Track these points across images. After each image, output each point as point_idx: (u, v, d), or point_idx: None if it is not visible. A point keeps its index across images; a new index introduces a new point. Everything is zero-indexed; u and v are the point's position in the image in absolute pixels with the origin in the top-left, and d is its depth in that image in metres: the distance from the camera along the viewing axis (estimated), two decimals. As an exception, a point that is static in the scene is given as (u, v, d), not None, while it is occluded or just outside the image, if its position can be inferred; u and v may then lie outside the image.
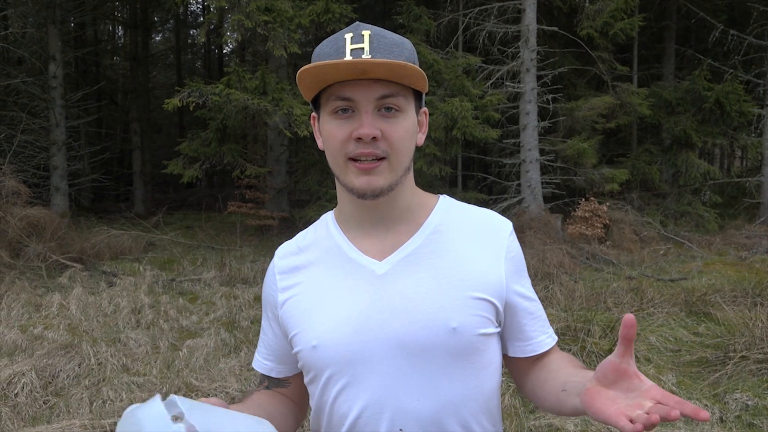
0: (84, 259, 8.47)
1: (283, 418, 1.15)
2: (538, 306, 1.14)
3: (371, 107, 0.97)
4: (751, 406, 3.85)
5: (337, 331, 1.02)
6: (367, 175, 0.99)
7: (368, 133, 0.96)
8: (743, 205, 12.79)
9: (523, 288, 1.10)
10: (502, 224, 1.11)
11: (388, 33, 1.01)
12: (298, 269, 1.11)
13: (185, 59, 25.28)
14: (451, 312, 1.00)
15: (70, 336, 5.04)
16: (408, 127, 1.01)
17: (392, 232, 1.07)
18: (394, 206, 1.06)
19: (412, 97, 1.02)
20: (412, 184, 1.09)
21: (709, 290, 6.55)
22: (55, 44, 12.41)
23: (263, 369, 1.20)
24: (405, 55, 0.99)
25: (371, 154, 0.98)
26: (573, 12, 11.15)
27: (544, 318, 1.14)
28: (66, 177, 12.60)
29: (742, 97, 11.91)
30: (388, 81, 0.97)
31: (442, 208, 1.11)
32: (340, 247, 1.08)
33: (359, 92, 0.97)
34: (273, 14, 9.12)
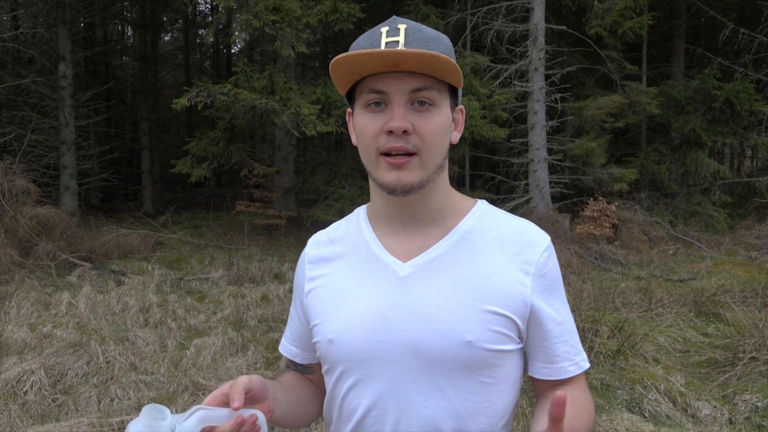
0: (93, 258, 8.52)
1: (310, 402, 1.18)
2: (567, 329, 1.07)
3: (404, 100, 0.96)
4: (761, 408, 3.82)
5: (354, 329, 1.03)
6: (397, 170, 0.97)
7: (399, 126, 0.95)
8: (753, 204, 12.69)
9: (550, 308, 1.04)
10: (537, 238, 1.05)
11: (425, 27, 1.00)
12: (325, 260, 1.13)
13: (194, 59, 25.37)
14: (467, 325, 0.97)
15: (78, 334, 5.07)
16: (441, 123, 0.99)
17: (421, 233, 1.05)
18: (425, 206, 1.04)
19: (446, 93, 1.00)
20: (445, 184, 1.07)
21: (719, 290, 6.51)
22: (65, 44, 12.48)
23: (289, 354, 1.22)
24: (441, 49, 0.98)
25: (402, 148, 0.96)
26: (581, 11, 11.10)
27: (572, 343, 1.07)
28: (75, 176, 12.67)
29: (753, 96, 11.81)
30: (422, 74, 0.95)
31: (476, 215, 1.08)
32: (367, 243, 1.08)
33: (391, 84, 0.96)
34: (281, 14, 9.13)
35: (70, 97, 12.62)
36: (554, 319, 1.05)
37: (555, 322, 1.05)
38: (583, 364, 1.09)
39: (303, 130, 9.42)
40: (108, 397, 3.96)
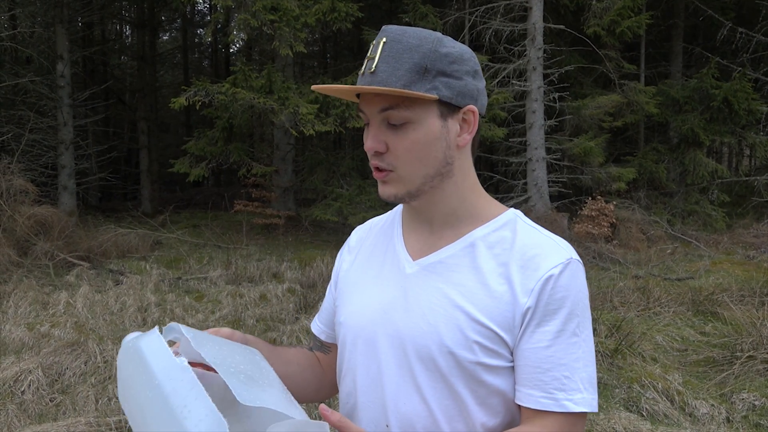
0: (91, 258, 8.51)
1: (302, 380, 1.20)
2: (557, 360, 0.96)
3: (377, 120, 0.99)
4: (758, 406, 3.83)
5: (358, 316, 1.09)
6: (381, 183, 1.03)
7: (369, 147, 1.00)
8: (751, 204, 12.70)
9: (539, 331, 0.96)
10: (550, 255, 0.98)
11: (407, 35, 0.98)
12: (360, 246, 1.19)
13: (192, 58, 25.35)
14: (450, 331, 0.98)
15: (76, 334, 5.07)
16: (417, 138, 0.98)
17: (437, 234, 1.06)
18: (435, 210, 1.05)
19: (428, 104, 0.97)
20: (460, 189, 1.05)
21: (717, 289, 6.52)
22: (63, 44, 12.46)
23: (316, 330, 1.27)
24: (414, 60, 0.95)
25: (377, 165, 1.01)
26: (580, 10, 11.11)
27: (557, 377, 0.95)
28: (73, 176, 12.65)
29: (751, 96, 11.83)
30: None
31: (497, 224, 1.04)
32: (392, 237, 1.13)
33: (366, 106, 1.00)
34: (279, 13, 9.12)
35: (68, 97, 12.60)
36: (539, 346, 0.96)
37: (539, 348, 0.96)
38: (567, 404, 0.94)
39: (301, 130, 9.42)
40: (106, 396, 3.96)
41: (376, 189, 11.45)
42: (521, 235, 1.02)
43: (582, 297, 0.99)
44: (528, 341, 0.97)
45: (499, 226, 1.04)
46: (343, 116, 9.81)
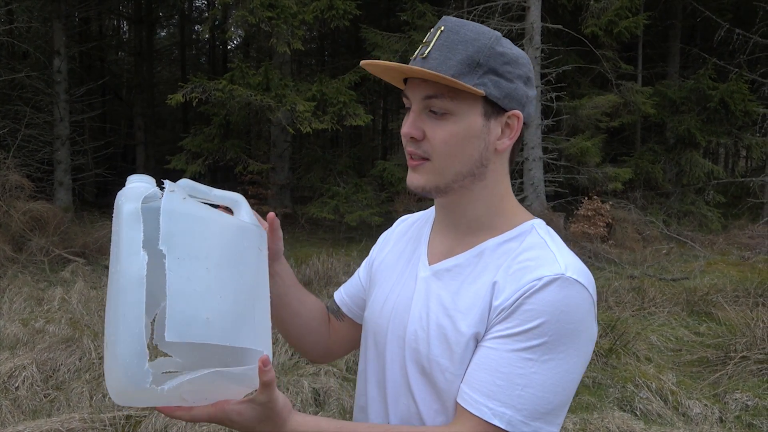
0: (86, 254, 8.49)
1: (306, 326, 1.22)
2: (495, 365, 0.90)
3: (419, 107, 0.98)
4: (751, 407, 3.84)
5: (376, 314, 1.11)
6: (411, 170, 1.01)
7: (406, 132, 0.98)
8: (747, 204, 12.74)
9: (495, 330, 0.92)
10: (542, 269, 0.92)
11: (466, 28, 0.96)
12: (399, 239, 1.20)
13: (189, 55, 25.28)
14: (438, 341, 0.98)
15: (71, 330, 5.06)
16: (456, 132, 0.96)
17: (458, 240, 1.04)
18: (461, 213, 1.03)
19: (473, 100, 0.95)
20: (491, 197, 1.02)
21: (711, 290, 6.54)
22: (60, 39, 12.42)
23: (338, 297, 1.29)
24: (468, 52, 0.94)
25: (413, 152, 0.99)
26: (578, 10, 11.11)
27: (489, 380, 0.90)
28: (69, 171, 12.61)
29: (747, 97, 11.87)
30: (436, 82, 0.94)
31: (510, 235, 1.01)
32: (420, 237, 1.14)
33: (410, 91, 0.99)
34: (277, 10, 9.11)
35: (65, 92, 12.56)
36: (487, 345, 0.92)
37: (487, 347, 0.92)
38: (485, 411, 0.89)
39: (298, 127, 9.41)
40: (100, 392, 3.95)
41: (372, 187, 11.49)
42: (525, 246, 0.98)
43: (563, 319, 0.89)
44: (484, 339, 0.94)
45: (510, 237, 1.01)
46: (340, 114, 9.80)
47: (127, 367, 0.76)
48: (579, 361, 0.92)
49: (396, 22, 11.90)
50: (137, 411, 3.61)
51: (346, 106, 9.76)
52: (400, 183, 10.64)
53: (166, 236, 0.80)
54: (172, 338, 0.77)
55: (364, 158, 14.48)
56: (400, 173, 10.69)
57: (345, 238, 10.73)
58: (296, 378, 4.03)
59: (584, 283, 0.92)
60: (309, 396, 3.80)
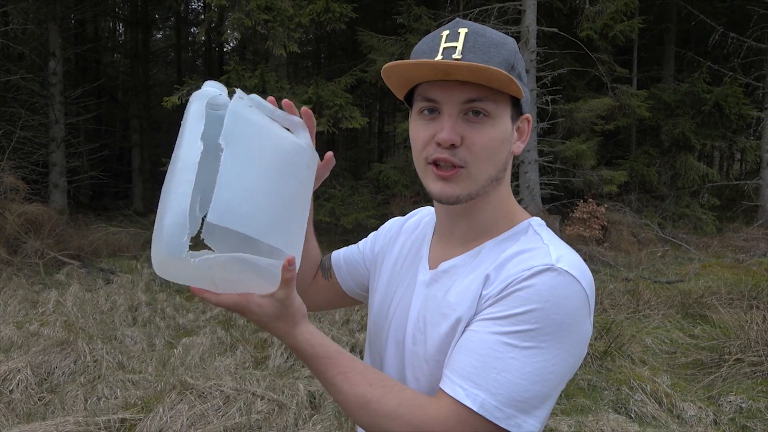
0: (82, 257, 8.47)
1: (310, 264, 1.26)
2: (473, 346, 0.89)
3: (455, 110, 0.93)
4: (745, 409, 3.86)
5: (378, 315, 1.13)
6: (443, 181, 0.96)
7: (447, 139, 0.92)
8: (741, 207, 12.80)
9: (483, 314, 0.92)
10: (534, 260, 0.92)
11: (488, 31, 0.95)
12: (407, 236, 1.19)
13: (186, 57, 25.25)
14: (434, 344, 0.98)
15: (66, 333, 5.04)
16: (496, 135, 0.94)
17: (463, 246, 1.03)
18: (472, 218, 1.02)
19: (506, 103, 0.95)
20: (500, 200, 1.02)
21: (706, 292, 6.56)
22: (56, 41, 12.40)
23: (334, 256, 1.31)
24: (503, 55, 0.93)
25: (447, 160, 0.94)
26: (573, 13, 11.15)
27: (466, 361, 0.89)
28: (65, 174, 12.58)
29: (741, 100, 11.92)
30: (477, 84, 0.91)
31: (508, 234, 1.01)
32: (424, 240, 1.14)
33: (444, 94, 0.93)
34: (273, 13, 9.12)
35: (60, 94, 12.54)
36: (470, 328, 0.92)
37: (470, 330, 0.92)
38: (458, 390, 0.87)
39: (294, 130, 9.40)
40: (95, 395, 3.94)
41: (368, 190, 11.49)
42: (520, 243, 0.98)
43: (550, 308, 0.87)
44: (468, 324, 0.94)
45: (507, 237, 1.01)
46: (336, 117, 9.81)
47: (168, 237, 0.84)
48: (564, 354, 0.88)
49: (392, 24, 11.91)
50: (132, 414, 3.60)
51: (342, 109, 9.77)
52: (396, 185, 10.64)
53: (227, 133, 0.88)
54: (213, 220, 0.84)
55: (360, 161, 14.49)
56: (396, 176, 10.69)
57: (341, 241, 10.73)
58: (291, 381, 4.03)
59: (577, 276, 0.90)
60: (305, 398, 3.80)
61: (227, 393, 3.78)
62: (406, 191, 10.61)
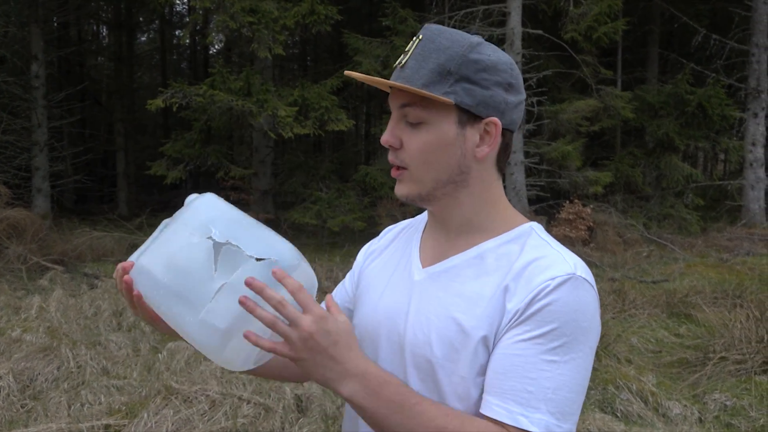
0: (65, 261, 8.38)
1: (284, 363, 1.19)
2: (521, 370, 0.89)
3: (396, 115, 1.00)
4: (730, 407, 3.89)
5: (367, 318, 1.10)
6: (397, 181, 1.02)
7: (384, 141, 1.00)
8: (725, 207, 12.93)
9: (515, 336, 0.91)
10: (553, 269, 0.92)
11: (444, 35, 0.96)
12: (386, 247, 1.19)
13: (170, 60, 25.11)
14: (441, 344, 0.97)
15: (49, 339, 4.98)
16: (430, 140, 0.96)
17: (451, 242, 1.04)
18: (448, 218, 1.04)
19: (446, 109, 0.96)
20: (476, 201, 1.01)
21: (691, 292, 6.61)
22: (38, 44, 12.28)
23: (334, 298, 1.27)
24: (439, 60, 0.94)
25: (392, 161, 1.01)
26: (557, 15, 11.22)
27: (517, 387, 0.89)
28: (48, 178, 12.45)
29: (724, 101, 12.06)
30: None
31: (509, 237, 1.01)
32: (411, 242, 1.13)
33: (391, 99, 1.01)
34: (258, 15, 9.09)
35: (43, 98, 12.41)
36: (508, 352, 0.91)
37: (508, 353, 0.91)
38: (521, 420, 0.87)
39: (280, 132, 9.39)
40: (78, 402, 3.89)
41: (355, 192, 11.47)
42: (528, 248, 0.98)
43: (579, 318, 0.90)
44: (500, 345, 0.92)
45: (510, 239, 1.00)
46: (323, 119, 9.79)
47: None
48: (592, 356, 0.94)
49: (378, 27, 11.93)
50: (116, 420, 3.56)
51: (328, 111, 9.75)
52: (383, 188, 10.64)
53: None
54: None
55: (346, 163, 14.47)
56: (383, 178, 10.69)
57: (328, 244, 10.71)
58: (278, 384, 4.01)
59: (591, 281, 0.95)
60: (291, 402, 3.78)
61: (213, 397, 3.75)
62: (393, 193, 10.60)
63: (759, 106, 12.26)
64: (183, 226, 0.96)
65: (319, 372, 0.87)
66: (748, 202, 12.29)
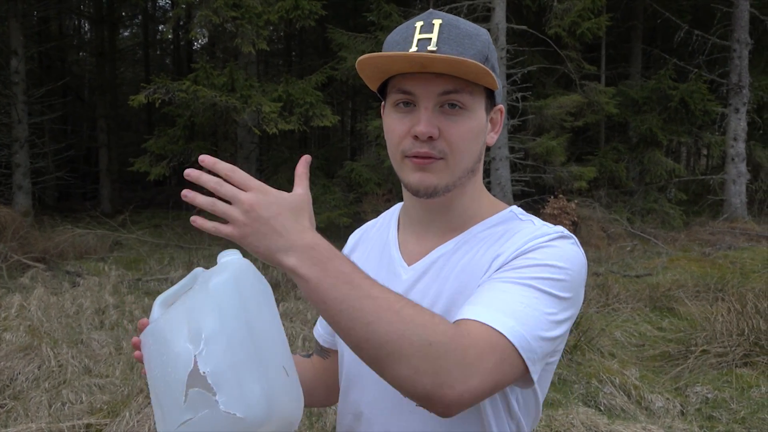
0: (47, 259, 8.28)
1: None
2: (497, 287, 0.88)
3: (431, 103, 0.92)
4: (711, 399, 3.93)
5: None
6: (421, 171, 0.94)
7: (424, 132, 0.91)
8: (707, 202, 13.06)
9: (510, 265, 0.91)
10: (541, 230, 0.95)
11: (462, 22, 0.94)
12: (355, 250, 1.16)
13: (154, 55, 24.90)
14: None
15: (30, 338, 4.91)
16: (472, 127, 0.94)
17: (440, 238, 1.02)
18: (449, 210, 1.01)
19: (481, 95, 0.95)
20: (475, 189, 1.02)
21: (673, 286, 6.68)
22: (17, 38, 12.10)
23: (316, 333, 1.23)
24: (477, 47, 0.92)
25: (427, 154, 0.93)
26: (542, 11, 11.24)
27: (489, 296, 0.87)
28: (29, 175, 12.30)
29: (706, 97, 12.17)
30: (452, 76, 0.91)
31: (493, 221, 1.01)
32: (386, 242, 1.09)
33: (420, 86, 0.92)
34: (241, 10, 9.02)
35: (23, 93, 12.24)
36: (492, 275, 0.91)
37: (491, 277, 0.91)
38: (480, 311, 0.84)
39: (264, 129, 9.33)
40: (59, 401, 3.85)
41: (340, 188, 11.44)
42: (513, 225, 0.99)
43: (576, 270, 0.91)
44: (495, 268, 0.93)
45: (495, 223, 1.01)
46: (307, 115, 9.75)
47: None
48: (575, 313, 0.93)
49: (362, 22, 11.88)
50: (97, 419, 3.53)
51: (312, 107, 9.71)
52: (369, 183, 10.62)
53: None
54: None
55: (332, 159, 14.42)
56: (369, 174, 10.67)
57: (313, 240, 10.66)
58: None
59: (575, 239, 0.96)
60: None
61: (196, 395, 3.71)
62: (379, 189, 10.59)
63: (740, 102, 12.38)
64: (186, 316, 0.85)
65: (264, 245, 0.79)
66: (730, 196, 12.42)
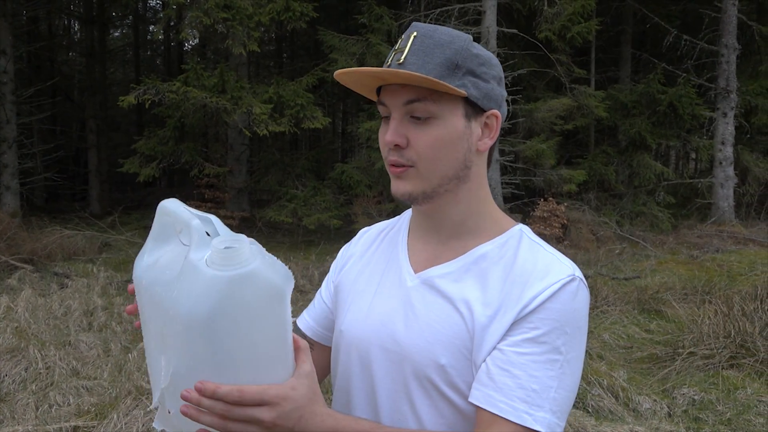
0: (35, 260, 8.22)
1: None
2: (527, 368, 0.89)
3: (400, 113, 0.96)
4: (698, 401, 3.96)
5: (355, 326, 1.06)
6: (396, 179, 0.98)
7: (389, 140, 0.95)
8: (695, 205, 13.15)
9: (519, 334, 0.91)
10: (552, 274, 0.94)
11: (439, 32, 0.96)
12: (366, 249, 1.16)
13: (144, 56, 24.79)
14: (445, 348, 0.95)
15: (17, 340, 4.87)
16: (440, 135, 0.95)
17: (443, 245, 1.03)
18: (444, 217, 1.02)
19: (452, 102, 0.95)
20: (472, 199, 1.02)
21: (662, 288, 6.72)
22: (6, 38, 12.01)
23: (303, 325, 1.22)
24: (445, 55, 0.94)
25: (396, 161, 0.97)
26: (532, 15, 11.30)
27: (524, 386, 0.88)
28: (17, 175, 12.20)
29: (695, 101, 12.27)
30: (418, 86, 0.93)
31: (501, 240, 1.01)
32: (396, 246, 1.10)
33: (390, 97, 0.97)
34: (232, 11, 9.00)
35: (12, 93, 12.15)
36: (514, 349, 0.91)
37: (514, 351, 0.91)
38: (526, 418, 0.87)
39: (255, 130, 9.32)
40: (46, 403, 3.82)
41: (331, 190, 11.44)
42: (523, 251, 0.98)
43: (578, 317, 0.93)
44: (503, 341, 0.92)
45: (504, 242, 1.00)
46: (298, 117, 9.74)
47: None
48: (584, 351, 0.97)
49: (353, 24, 11.90)
50: (85, 422, 3.51)
51: (303, 109, 9.71)
52: (359, 186, 10.62)
53: None
54: None
55: (323, 161, 14.42)
56: (359, 176, 10.68)
57: (303, 242, 10.66)
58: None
59: (582, 278, 0.97)
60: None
61: (185, 397, 3.69)
62: (369, 191, 10.60)
63: (728, 106, 12.49)
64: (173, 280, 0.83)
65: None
66: (718, 199, 12.52)
